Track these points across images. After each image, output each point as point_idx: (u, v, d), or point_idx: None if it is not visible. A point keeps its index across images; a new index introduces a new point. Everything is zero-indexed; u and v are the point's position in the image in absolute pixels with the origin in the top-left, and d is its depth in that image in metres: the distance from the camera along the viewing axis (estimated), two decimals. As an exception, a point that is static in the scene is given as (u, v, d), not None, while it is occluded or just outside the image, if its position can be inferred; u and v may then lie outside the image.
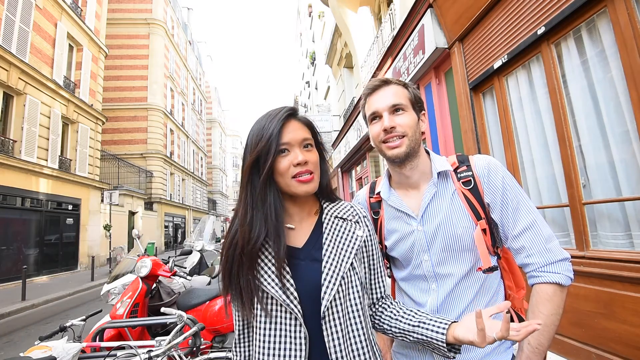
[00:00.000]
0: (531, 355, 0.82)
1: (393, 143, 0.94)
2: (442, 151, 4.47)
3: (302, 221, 0.88)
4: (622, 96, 2.16)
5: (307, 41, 21.81)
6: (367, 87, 1.01)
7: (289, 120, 0.83)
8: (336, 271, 0.78)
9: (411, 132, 0.94)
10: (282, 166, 0.80)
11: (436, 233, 0.92)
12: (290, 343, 0.76)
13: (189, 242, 5.00)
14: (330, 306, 0.77)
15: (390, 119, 0.94)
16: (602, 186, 2.35)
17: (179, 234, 26.48)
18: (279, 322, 0.77)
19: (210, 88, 45.94)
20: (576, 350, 2.40)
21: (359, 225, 0.87)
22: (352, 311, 0.79)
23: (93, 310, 2.04)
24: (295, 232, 0.86)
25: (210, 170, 43.77)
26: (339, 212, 0.88)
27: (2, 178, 9.39)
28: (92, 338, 2.02)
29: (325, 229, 0.85)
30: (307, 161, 0.80)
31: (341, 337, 0.76)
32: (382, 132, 0.95)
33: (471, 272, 0.91)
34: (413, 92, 0.99)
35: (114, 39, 20.95)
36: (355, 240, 0.84)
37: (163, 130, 23.00)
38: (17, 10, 10.12)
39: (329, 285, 0.77)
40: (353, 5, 8.84)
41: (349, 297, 0.79)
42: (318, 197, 0.92)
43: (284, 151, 0.80)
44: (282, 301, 0.76)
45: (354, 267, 0.81)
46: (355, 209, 0.90)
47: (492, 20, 3.21)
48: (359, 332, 0.79)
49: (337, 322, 0.77)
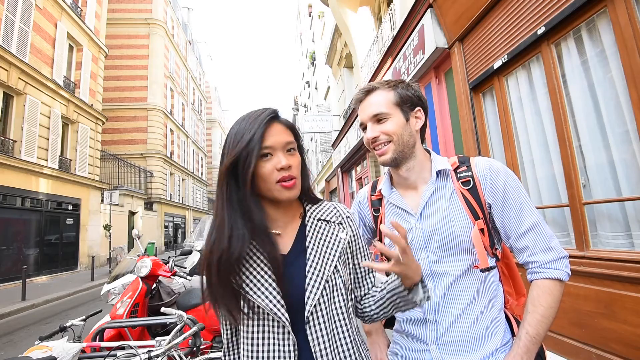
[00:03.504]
0: (529, 344, 0.84)
1: (379, 150, 0.96)
2: (442, 151, 4.47)
3: (286, 226, 0.85)
4: (622, 96, 2.16)
5: (307, 41, 21.80)
6: (354, 98, 1.04)
7: (272, 122, 0.79)
8: (320, 275, 0.77)
9: (397, 137, 0.94)
10: (264, 171, 0.77)
11: (434, 231, 0.93)
12: (278, 351, 0.75)
13: (189, 242, 5.00)
14: (314, 310, 0.76)
15: (373, 129, 0.96)
16: (602, 186, 2.35)
17: (179, 234, 26.48)
18: (267, 331, 0.76)
19: (210, 88, 45.96)
20: (576, 350, 2.40)
21: (342, 226, 0.86)
22: (337, 314, 0.79)
23: (93, 310, 2.04)
24: (280, 238, 0.84)
25: (210, 170, 43.77)
26: (322, 214, 0.87)
27: (2, 178, 9.39)
28: (92, 338, 2.01)
29: (308, 232, 0.83)
30: (290, 165, 0.78)
31: (327, 340, 0.76)
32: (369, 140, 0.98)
33: (468, 272, 0.91)
34: (401, 93, 0.97)
35: (114, 39, 20.95)
36: (338, 243, 0.82)
37: (163, 130, 23.00)
38: (17, 10, 10.12)
39: (313, 290, 0.76)
40: (353, 5, 8.84)
41: (333, 300, 0.78)
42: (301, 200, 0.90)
43: (267, 155, 0.77)
44: (269, 310, 0.74)
45: (337, 270, 0.80)
46: (338, 209, 0.89)
47: (492, 20, 3.21)
48: (345, 335, 0.79)
49: (322, 327, 0.76)
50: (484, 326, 0.90)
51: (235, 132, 0.79)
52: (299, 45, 28.19)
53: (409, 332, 0.97)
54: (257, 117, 0.78)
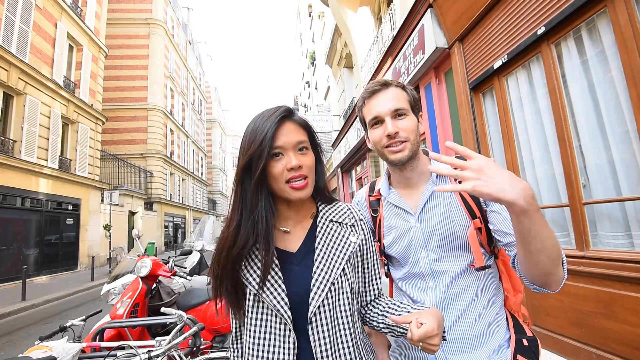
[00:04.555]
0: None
1: (396, 148, 0.93)
2: (442, 151, 4.46)
3: (297, 224, 0.86)
4: (622, 96, 2.16)
5: (307, 41, 21.80)
6: (367, 90, 1.01)
7: (283, 121, 0.79)
8: (326, 277, 0.77)
9: (413, 137, 0.94)
10: (275, 170, 0.77)
11: (434, 230, 0.93)
12: (278, 347, 0.75)
13: (189, 242, 5.00)
14: (318, 312, 0.76)
15: (394, 124, 0.93)
16: (602, 186, 2.35)
17: (179, 234, 26.47)
18: (269, 327, 0.77)
19: (210, 88, 45.94)
20: (576, 350, 2.40)
21: (354, 229, 0.86)
22: (341, 317, 0.79)
23: (93, 310, 2.04)
24: (290, 235, 0.85)
25: (210, 170, 43.77)
26: (334, 215, 0.87)
27: (2, 178, 9.38)
28: (92, 338, 2.01)
29: (318, 233, 0.83)
30: (301, 165, 0.78)
31: (328, 342, 0.76)
32: (385, 137, 0.94)
33: (468, 271, 0.92)
34: (412, 94, 0.98)
35: (114, 39, 20.94)
36: (348, 247, 0.82)
37: (163, 130, 22.99)
38: (17, 10, 10.12)
39: (318, 292, 0.76)
40: (353, 5, 8.84)
41: (338, 302, 0.79)
42: (315, 199, 0.90)
43: (278, 155, 0.78)
44: (273, 306, 0.75)
45: (345, 274, 0.80)
46: (352, 211, 0.89)
47: (492, 20, 3.21)
48: (347, 339, 0.78)
49: (325, 328, 0.76)
50: (486, 324, 0.90)
51: (250, 131, 0.79)
52: (299, 45, 28.18)
53: None
54: (269, 116, 0.79)
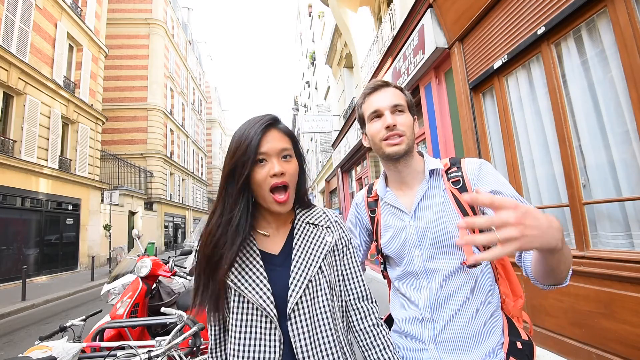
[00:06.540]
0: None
1: (394, 141, 0.97)
2: (442, 151, 4.46)
3: (279, 228, 0.91)
4: (622, 96, 2.16)
5: (307, 41, 21.79)
6: (368, 87, 1.05)
7: (269, 129, 0.83)
8: (303, 275, 0.81)
9: (409, 132, 0.98)
10: (259, 176, 0.80)
11: (427, 228, 0.95)
12: (265, 345, 0.77)
13: (189, 242, 4.99)
14: (296, 307, 0.79)
15: (392, 117, 0.98)
16: (602, 186, 2.35)
17: (179, 234, 26.48)
18: (255, 325, 0.79)
19: (210, 88, 45.96)
20: (576, 350, 2.40)
21: (330, 230, 0.90)
22: (320, 313, 0.81)
23: (93, 310, 2.04)
24: (272, 239, 0.89)
25: (210, 170, 43.79)
26: (311, 218, 0.91)
27: (2, 178, 9.38)
28: (92, 338, 2.01)
29: (295, 234, 0.87)
30: (284, 172, 0.81)
31: (308, 337, 0.78)
32: (384, 130, 0.98)
33: (461, 269, 0.92)
34: (409, 97, 1.04)
35: (114, 39, 20.95)
36: (324, 246, 0.86)
37: (163, 130, 22.99)
38: (17, 10, 10.12)
39: (295, 288, 0.79)
40: (353, 5, 8.84)
41: (317, 299, 0.81)
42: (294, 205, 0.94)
43: (262, 161, 0.81)
44: (259, 305, 0.78)
45: (322, 271, 0.84)
46: (327, 214, 0.94)
47: (492, 20, 3.21)
48: (328, 333, 0.81)
49: (304, 324, 0.79)
50: (480, 324, 0.90)
51: (236, 138, 0.83)
52: (299, 45, 28.18)
53: (406, 332, 0.98)
54: (255, 124, 0.82)
